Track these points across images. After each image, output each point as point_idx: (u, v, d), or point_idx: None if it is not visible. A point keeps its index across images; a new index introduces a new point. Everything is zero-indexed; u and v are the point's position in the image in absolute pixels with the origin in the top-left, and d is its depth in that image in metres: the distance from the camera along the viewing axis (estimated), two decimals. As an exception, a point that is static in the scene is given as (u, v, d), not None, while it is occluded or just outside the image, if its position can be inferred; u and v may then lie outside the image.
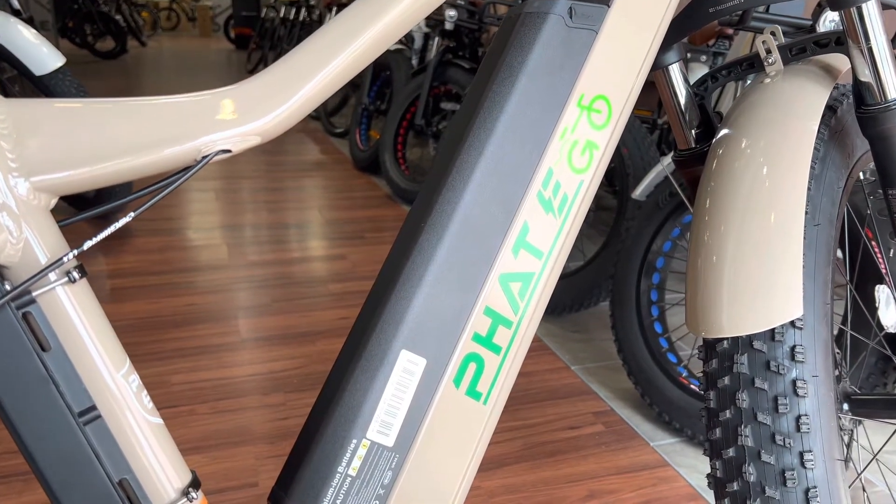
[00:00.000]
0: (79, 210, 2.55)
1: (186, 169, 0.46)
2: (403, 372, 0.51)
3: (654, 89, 2.45)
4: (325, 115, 4.37)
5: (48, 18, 8.00)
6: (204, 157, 0.46)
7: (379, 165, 3.17)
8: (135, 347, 1.67)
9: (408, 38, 3.47)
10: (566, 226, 0.57)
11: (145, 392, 0.46)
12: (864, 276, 1.07)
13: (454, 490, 0.53)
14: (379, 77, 3.52)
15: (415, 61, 3.38)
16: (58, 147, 0.43)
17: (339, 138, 4.18)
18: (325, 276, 2.17)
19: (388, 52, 3.41)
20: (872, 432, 1.37)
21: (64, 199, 2.56)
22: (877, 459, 1.18)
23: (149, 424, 0.46)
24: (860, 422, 0.92)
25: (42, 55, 2.22)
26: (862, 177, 0.93)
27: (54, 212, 0.46)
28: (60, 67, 2.22)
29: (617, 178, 1.81)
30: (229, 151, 0.47)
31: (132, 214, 0.44)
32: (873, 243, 1.05)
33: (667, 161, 1.51)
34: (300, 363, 1.64)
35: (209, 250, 2.34)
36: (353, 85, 4.25)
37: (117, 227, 0.44)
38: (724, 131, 0.70)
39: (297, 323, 1.84)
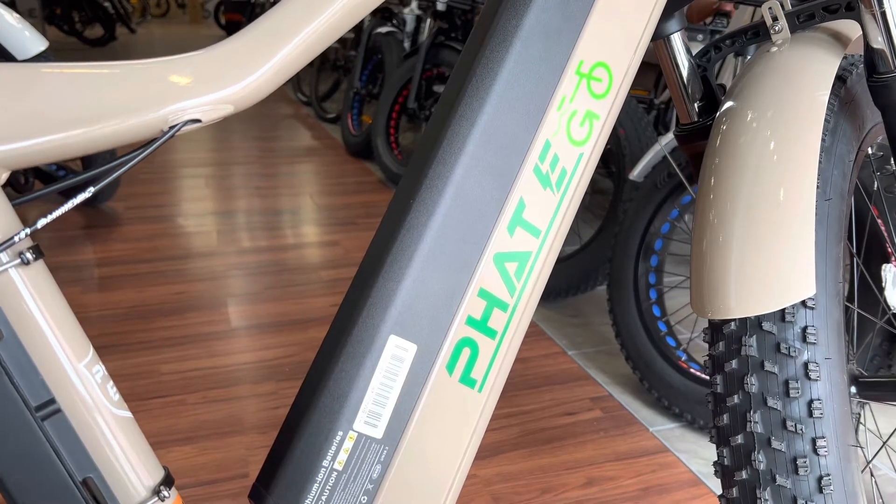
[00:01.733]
0: (66, 196, 2.50)
1: (152, 141, 0.42)
2: (392, 359, 0.48)
3: (649, 69, 2.41)
4: (316, 101, 4.32)
5: (35, 6, 7.88)
6: (171, 128, 0.42)
7: (371, 150, 3.13)
8: (123, 337, 1.64)
9: (399, 21, 3.41)
10: (565, 202, 0.53)
11: (111, 383, 0.43)
12: (869, 255, 1.04)
13: (448, 483, 0.50)
14: (370, 60, 3.47)
15: (407, 44, 3.32)
16: (7, 117, 0.39)
17: (331, 124, 4.13)
18: (318, 263, 2.14)
19: (379, 34, 3.35)
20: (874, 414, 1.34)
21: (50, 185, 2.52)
22: (887, 446, 1.15)
23: (115, 418, 0.43)
24: (865, 405, 0.90)
25: (24, 39, 2.17)
26: (870, 151, 0.90)
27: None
28: (43, 52, 2.16)
29: (613, 159, 1.78)
30: (199, 121, 0.43)
31: (91, 190, 0.40)
32: (879, 221, 1.02)
33: (665, 141, 1.48)
34: (292, 351, 1.61)
35: (199, 237, 2.30)
36: (345, 69, 4.19)
37: (75, 203, 0.40)
38: (728, 104, 0.67)
39: (289, 310, 1.81)
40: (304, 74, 4.81)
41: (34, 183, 2.34)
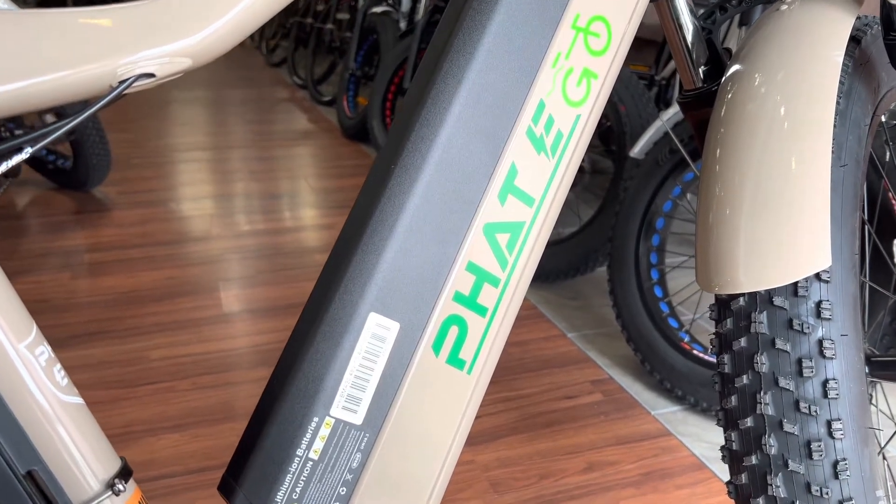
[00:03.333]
0: (57, 182, 2.46)
1: (99, 98, 0.38)
2: (372, 338, 0.44)
3: (651, 45, 2.36)
4: (312, 84, 4.26)
5: (27, -10, 7.78)
6: (122, 83, 0.38)
7: (367, 133, 3.08)
8: (112, 323, 1.60)
9: (395, 0, 3.35)
10: (561, 168, 0.49)
11: (59, 366, 0.39)
12: (880, 230, 1.00)
13: (435, 473, 0.46)
14: (366, 41, 3.41)
15: (402, 24, 3.26)
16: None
17: (327, 107, 4.07)
18: (313, 247, 2.10)
19: (374, 14, 3.29)
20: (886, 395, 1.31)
21: (39, 170, 2.47)
22: None
23: (63, 405, 0.39)
24: (876, 386, 0.86)
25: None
26: (882, 119, 0.86)
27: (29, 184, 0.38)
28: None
29: (614, 136, 1.73)
30: (153, 76, 0.39)
31: (28, 150, 0.36)
32: (889, 194, 0.98)
33: (667, 116, 1.43)
34: (286, 336, 1.57)
35: (191, 222, 2.26)
36: (340, 51, 4.13)
37: (10, 166, 0.36)
38: (734, 67, 0.63)
39: (283, 294, 1.77)
40: (300, 58, 4.75)
41: (21, 166, 2.29)
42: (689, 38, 0.72)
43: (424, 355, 0.45)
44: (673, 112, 1.43)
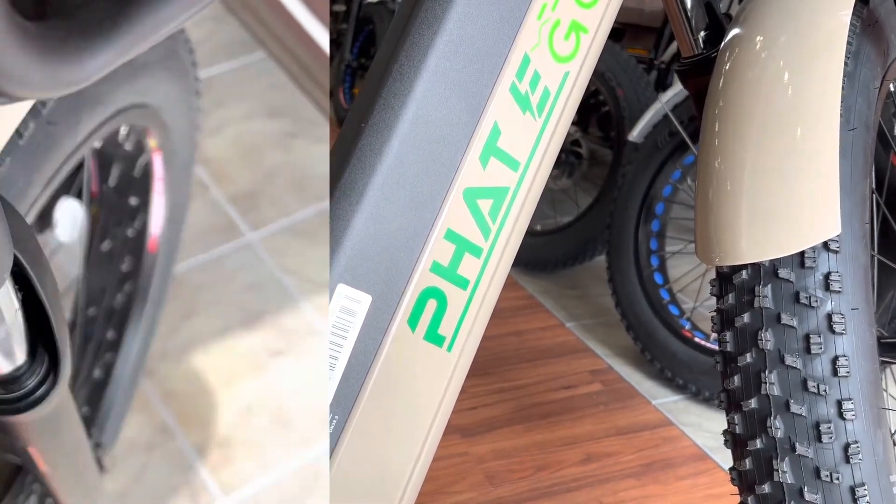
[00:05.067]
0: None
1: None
2: (341, 312, 0.40)
3: (650, 31, 2.32)
4: (308, 77, 4.22)
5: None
6: None
7: (364, 124, 3.04)
8: (100, 316, 1.57)
9: (391, -10, 3.31)
10: (549, 129, 0.46)
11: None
12: (888, 207, 0.96)
13: (411, 459, 0.42)
14: (361, 32, 3.37)
15: (399, 14, 3.23)
16: None
17: (324, 100, 4.04)
18: (307, 238, 2.06)
19: (370, 4, 3.25)
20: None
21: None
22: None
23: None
24: (886, 368, 0.82)
25: None
26: (891, 89, 0.82)
27: None
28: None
29: (612, 121, 1.69)
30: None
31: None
32: (899, 171, 0.94)
33: (666, 97, 1.39)
34: (277, 327, 1.54)
35: (184, 214, 2.22)
36: (336, 43, 4.09)
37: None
38: (734, 31, 0.59)
39: (275, 286, 1.74)
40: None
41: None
42: (687, 3, 0.68)
43: (399, 330, 0.42)
44: (672, 94, 1.39)
